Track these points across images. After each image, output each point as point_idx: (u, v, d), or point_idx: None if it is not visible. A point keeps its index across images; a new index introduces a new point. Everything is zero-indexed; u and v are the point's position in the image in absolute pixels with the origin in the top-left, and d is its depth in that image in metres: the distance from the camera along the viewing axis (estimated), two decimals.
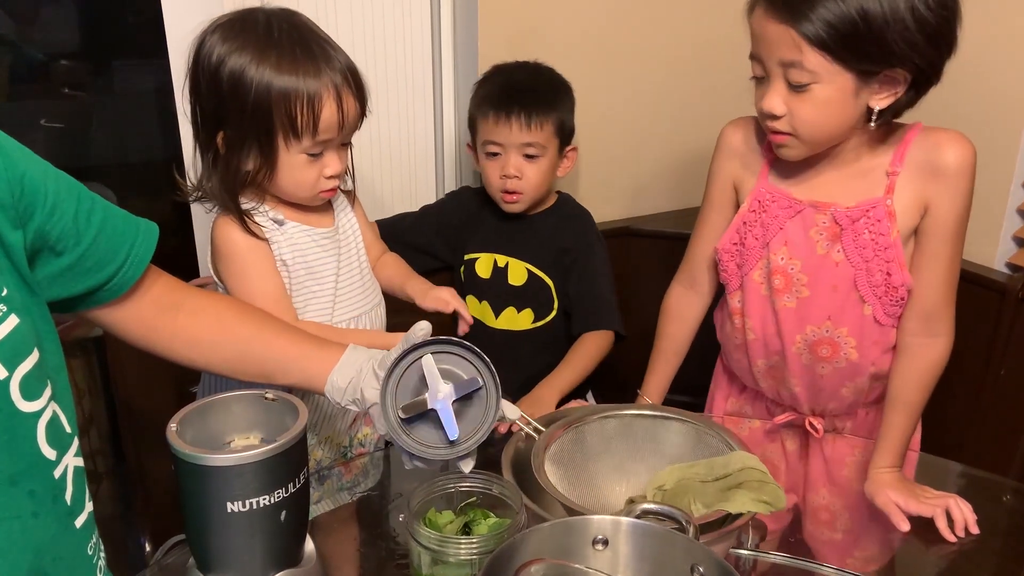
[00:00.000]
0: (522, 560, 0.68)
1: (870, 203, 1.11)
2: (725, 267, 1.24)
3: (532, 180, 1.40)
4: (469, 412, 0.82)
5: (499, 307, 1.48)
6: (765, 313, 1.21)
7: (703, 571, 0.72)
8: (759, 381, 1.29)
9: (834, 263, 1.15)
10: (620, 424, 0.99)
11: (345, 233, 1.22)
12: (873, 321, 1.16)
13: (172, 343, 0.90)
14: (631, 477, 0.98)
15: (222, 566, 0.80)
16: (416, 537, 0.74)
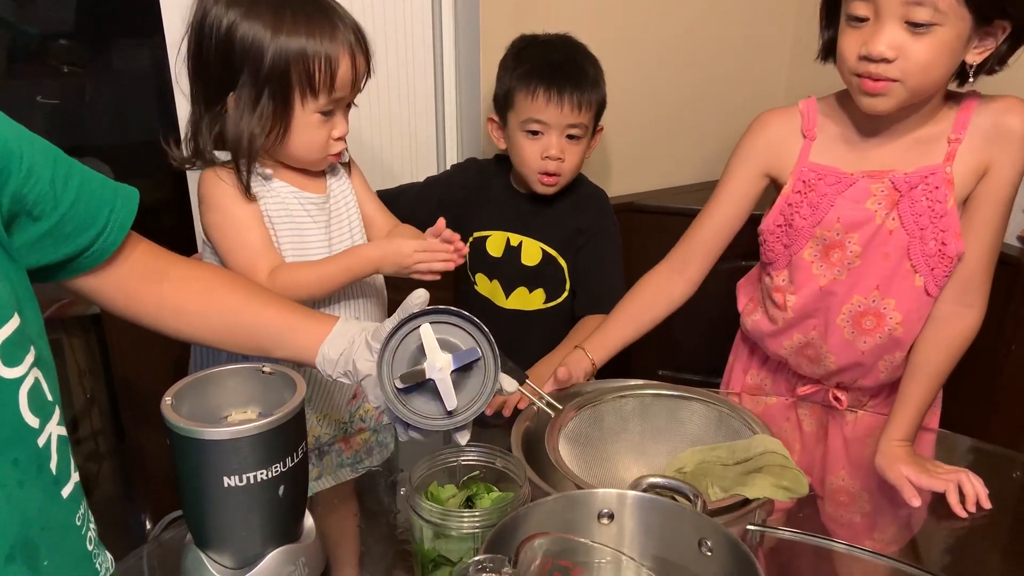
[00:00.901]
0: (525, 534, 0.66)
1: (929, 170, 1.08)
2: (771, 247, 1.20)
3: (573, 162, 1.37)
4: (467, 383, 0.80)
5: (510, 287, 1.45)
6: (813, 288, 1.17)
7: (711, 545, 0.70)
8: (790, 357, 1.26)
9: (888, 231, 1.11)
10: (639, 403, 0.96)
11: (337, 202, 1.19)
12: (923, 293, 1.13)
13: (158, 313, 0.88)
14: (649, 458, 0.96)
15: (219, 542, 0.78)
16: (418, 511, 0.73)
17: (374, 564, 0.91)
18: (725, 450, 0.90)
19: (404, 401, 0.79)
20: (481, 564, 0.62)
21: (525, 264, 1.44)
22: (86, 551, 0.72)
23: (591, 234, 1.43)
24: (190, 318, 0.89)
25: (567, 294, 1.45)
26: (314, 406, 1.22)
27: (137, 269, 0.85)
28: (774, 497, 0.81)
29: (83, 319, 1.45)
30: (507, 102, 1.38)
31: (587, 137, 1.38)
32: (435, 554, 0.73)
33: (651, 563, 0.70)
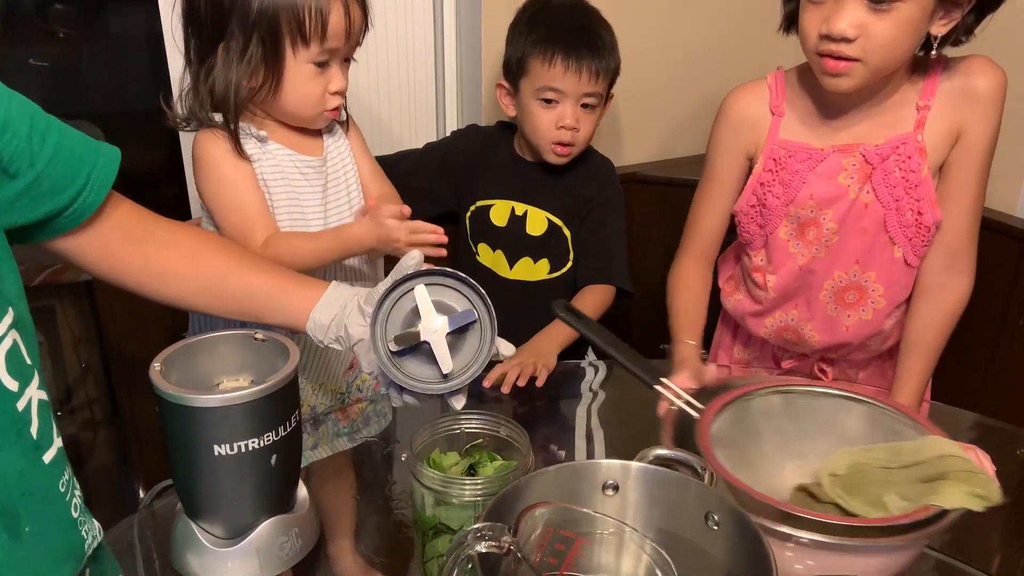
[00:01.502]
0: (527, 503, 0.64)
1: (900, 139, 1.06)
2: (746, 228, 1.17)
3: (587, 131, 1.33)
4: (463, 347, 0.77)
5: (514, 257, 1.42)
6: (792, 267, 1.16)
7: (718, 519, 0.68)
8: (771, 337, 1.24)
9: (863, 204, 1.09)
10: (784, 401, 0.90)
11: (334, 164, 1.16)
12: (903, 264, 1.11)
13: (142, 277, 0.85)
14: (797, 459, 0.89)
15: (210, 511, 0.76)
16: (419, 478, 0.70)
17: (370, 535, 0.89)
18: (885, 452, 0.83)
19: (398, 365, 0.76)
20: (481, 532, 0.60)
21: (530, 234, 1.41)
22: (71, 518, 0.70)
23: (597, 204, 1.40)
24: (176, 282, 0.86)
25: (571, 264, 1.42)
26: (309, 376, 1.19)
27: (120, 230, 0.82)
28: (970, 507, 0.74)
29: (75, 285, 1.42)
30: (520, 68, 1.33)
31: (601, 106, 1.34)
32: (435, 522, 0.71)
33: (655, 536, 0.68)
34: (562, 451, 1.06)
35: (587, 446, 1.08)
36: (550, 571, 0.66)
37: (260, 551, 0.76)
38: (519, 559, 0.59)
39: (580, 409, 1.18)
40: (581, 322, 0.91)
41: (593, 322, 0.92)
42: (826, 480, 0.83)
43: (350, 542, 0.88)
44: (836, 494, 0.81)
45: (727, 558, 0.66)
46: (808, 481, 0.86)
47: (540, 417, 1.16)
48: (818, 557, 0.69)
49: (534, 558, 0.65)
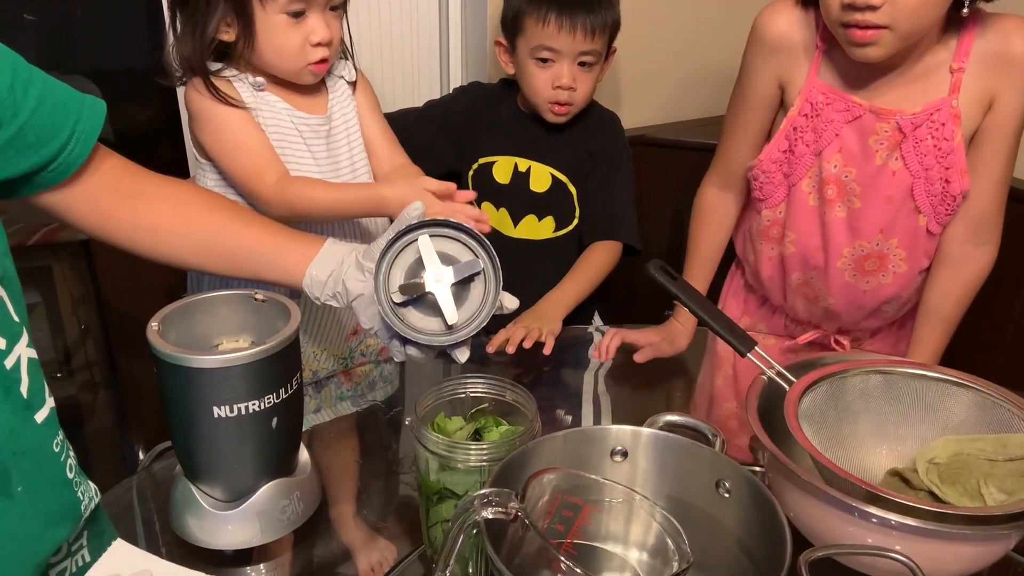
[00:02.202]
0: (534, 469, 0.62)
1: (935, 106, 1.02)
2: (771, 178, 1.13)
3: (585, 90, 1.30)
4: (467, 298, 0.75)
5: (519, 215, 1.39)
6: (811, 225, 1.13)
7: (729, 487, 0.66)
8: (788, 297, 1.21)
9: (891, 172, 1.05)
10: (885, 381, 0.86)
11: (338, 127, 1.12)
12: (926, 232, 1.08)
13: (133, 233, 0.83)
14: (894, 443, 0.86)
15: (210, 474, 0.75)
16: (423, 442, 0.69)
17: (373, 499, 0.88)
18: (991, 443, 0.79)
19: (401, 317, 0.74)
20: (487, 498, 0.59)
21: (534, 191, 1.37)
22: (66, 479, 0.69)
23: (602, 158, 1.36)
24: (167, 238, 0.83)
25: (577, 222, 1.39)
26: (311, 339, 1.17)
27: (108, 185, 0.80)
28: None
29: (72, 245, 1.40)
30: (516, 26, 1.29)
31: (600, 63, 1.30)
32: (440, 487, 0.70)
33: (665, 503, 0.66)
34: (569, 416, 1.05)
35: (594, 412, 1.07)
36: (557, 538, 0.65)
37: (261, 514, 0.75)
38: (526, 525, 0.58)
39: (587, 375, 1.16)
40: (676, 284, 0.89)
41: (688, 285, 0.90)
42: (923, 467, 0.80)
43: (352, 506, 0.87)
44: (931, 481, 0.78)
45: (739, 526, 0.65)
46: (902, 466, 0.84)
47: (546, 382, 1.15)
48: (904, 542, 0.66)
49: (541, 525, 0.64)
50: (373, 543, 0.81)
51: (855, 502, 0.69)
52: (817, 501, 0.72)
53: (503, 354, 1.15)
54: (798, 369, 0.86)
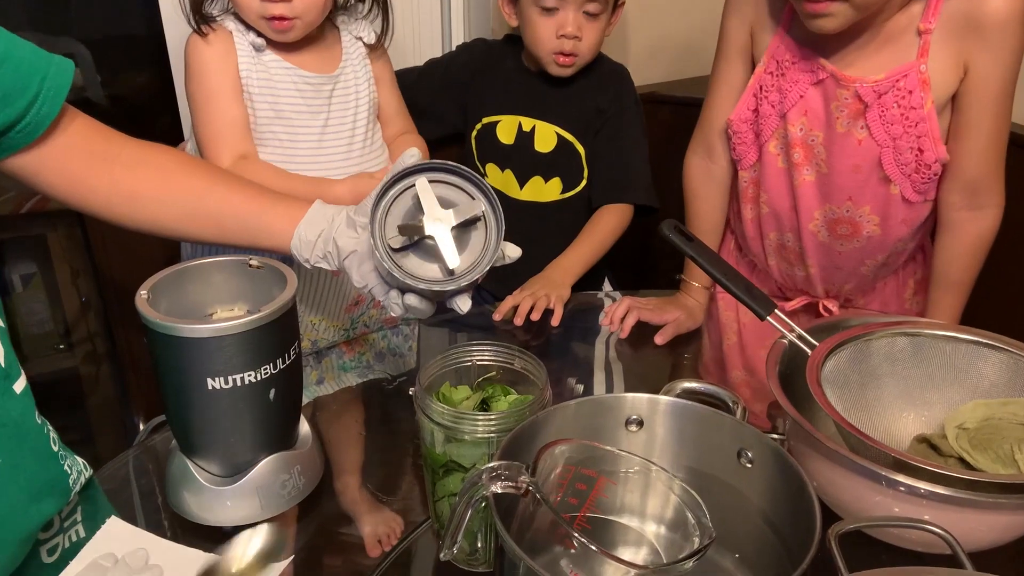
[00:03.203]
0: (545, 440, 0.59)
1: (900, 71, 0.96)
2: (742, 139, 1.10)
3: (591, 41, 1.24)
4: (467, 245, 0.72)
5: (524, 176, 1.34)
6: (781, 187, 1.10)
7: (751, 456, 0.63)
8: (769, 259, 1.18)
9: (856, 141, 1.01)
10: (912, 344, 0.83)
11: (346, 88, 1.08)
12: (900, 199, 1.04)
13: (110, 199, 0.79)
14: (921, 408, 0.83)
15: (205, 448, 0.72)
16: (428, 413, 0.65)
17: (377, 472, 0.85)
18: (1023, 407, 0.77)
19: (399, 264, 0.71)
20: (496, 471, 0.55)
21: (539, 151, 1.32)
22: (50, 451, 0.66)
23: (612, 115, 1.31)
24: (146, 204, 0.80)
25: (585, 183, 1.34)
26: (310, 307, 1.14)
27: (79, 147, 0.76)
28: None
29: (67, 214, 1.36)
30: None
31: (607, 13, 1.25)
32: (446, 459, 0.66)
33: (684, 474, 0.63)
34: (580, 385, 1.02)
35: (606, 380, 1.04)
36: (570, 512, 0.62)
37: (260, 489, 0.72)
38: (537, 500, 0.55)
39: (598, 342, 1.13)
40: (691, 246, 0.86)
41: (704, 246, 0.87)
42: (952, 432, 0.77)
43: (358, 478, 0.84)
44: (962, 448, 0.75)
45: (763, 499, 0.62)
46: (930, 432, 0.81)
47: (555, 350, 1.12)
48: (934, 511, 0.64)
49: (553, 498, 0.61)
50: (379, 515, 0.79)
51: (882, 470, 0.66)
52: (842, 470, 0.69)
53: (511, 321, 1.12)
54: (819, 332, 0.83)
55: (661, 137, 1.57)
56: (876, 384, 0.83)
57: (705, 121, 1.16)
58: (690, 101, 1.62)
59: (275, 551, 0.73)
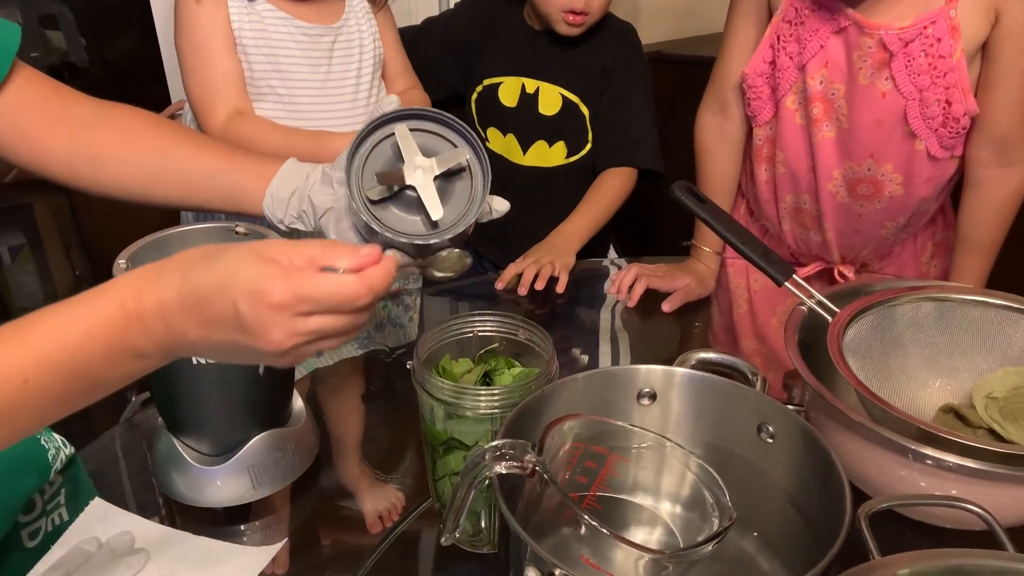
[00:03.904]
0: (552, 416, 0.55)
1: (928, 17, 0.91)
2: (758, 93, 1.05)
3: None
4: (452, 197, 0.67)
5: (528, 141, 1.29)
6: (799, 145, 1.05)
7: (772, 431, 0.59)
8: (783, 223, 1.14)
9: (880, 93, 0.96)
10: (938, 309, 0.79)
11: (349, 41, 1.04)
12: (926, 156, 0.99)
13: (71, 162, 0.74)
14: (947, 377, 0.80)
15: (192, 427, 0.68)
16: (427, 388, 0.61)
17: (376, 449, 0.82)
18: None
19: (379, 218, 0.66)
20: (500, 451, 0.51)
21: (543, 114, 1.27)
22: None
23: (617, 75, 1.26)
24: (109, 165, 0.75)
25: (590, 146, 1.29)
26: None
27: (35, 107, 0.72)
28: None
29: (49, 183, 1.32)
30: None
31: None
32: (447, 437, 0.63)
33: (700, 450, 0.59)
34: (585, 355, 0.99)
35: (612, 350, 1.00)
36: (580, 491, 0.58)
37: (252, 468, 0.69)
38: (545, 480, 0.51)
39: (603, 311, 1.09)
40: (704, 208, 0.81)
41: (718, 208, 0.83)
42: (980, 402, 0.74)
43: (357, 452, 0.81)
44: (991, 418, 0.72)
45: (786, 476, 0.58)
46: (957, 402, 0.77)
47: (559, 319, 1.08)
48: (963, 485, 0.60)
49: (561, 477, 0.57)
50: (380, 490, 0.76)
51: (909, 443, 0.62)
52: (865, 443, 0.66)
53: (514, 290, 1.08)
54: (840, 298, 0.79)
55: (668, 98, 1.52)
56: (900, 352, 0.80)
57: (718, 76, 1.11)
58: (699, 60, 1.57)
59: (269, 532, 0.70)
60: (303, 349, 0.48)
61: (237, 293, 0.45)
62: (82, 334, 0.46)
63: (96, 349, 0.47)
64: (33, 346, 0.46)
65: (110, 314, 0.47)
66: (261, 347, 0.46)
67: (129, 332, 0.47)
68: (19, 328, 0.47)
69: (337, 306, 0.46)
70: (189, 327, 0.47)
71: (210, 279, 0.46)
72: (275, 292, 0.45)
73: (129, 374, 0.49)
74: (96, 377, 0.48)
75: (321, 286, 0.46)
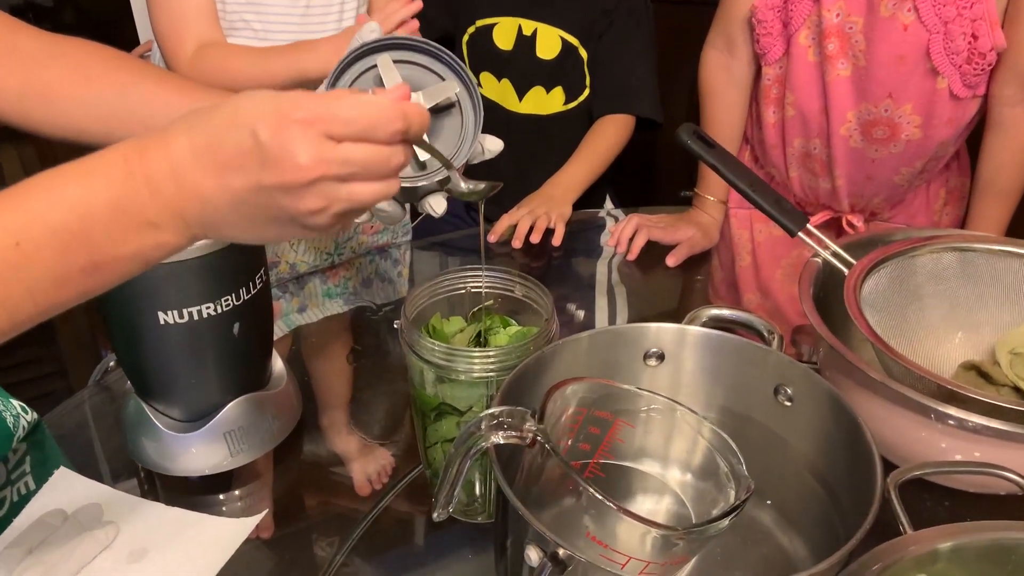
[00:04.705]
0: (552, 380, 0.50)
1: None
2: (768, 28, 0.99)
3: None
4: (439, 134, 0.61)
5: (524, 86, 1.22)
6: (811, 84, 0.99)
7: (791, 393, 0.54)
8: (790, 170, 1.08)
9: (902, 26, 0.90)
10: (960, 260, 0.74)
11: None
12: (947, 95, 0.93)
13: (22, 101, 0.68)
14: (969, 332, 0.76)
15: (163, 391, 0.63)
16: (416, 349, 0.56)
17: (364, 412, 0.77)
18: None
19: None
20: (497, 419, 0.47)
21: (541, 58, 1.20)
22: None
23: (617, 15, 1.18)
24: (63, 104, 0.68)
25: (588, 92, 1.23)
26: None
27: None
28: None
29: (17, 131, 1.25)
30: None
31: None
32: (438, 402, 0.58)
33: (715, 416, 0.55)
34: (581, 310, 0.95)
35: (608, 305, 0.96)
36: (582, 458, 0.54)
37: (229, 435, 0.64)
38: (547, 452, 0.46)
39: (600, 264, 1.04)
40: (713, 153, 0.76)
41: (728, 154, 0.77)
42: (1004, 358, 0.70)
43: (345, 413, 0.77)
44: (1017, 375, 0.69)
45: (807, 443, 0.54)
46: (979, 358, 0.74)
47: (555, 273, 1.03)
48: (987, 448, 0.56)
49: (563, 445, 0.52)
50: (369, 453, 0.72)
51: (932, 402, 0.58)
52: (883, 402, 0.62)
53: (507, 243, 1.02)
54: (855, 249, 0.74)
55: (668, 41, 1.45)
56: (918, 306, 0.76)
57: (725, 10, 1.04)
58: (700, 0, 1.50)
59: (251, 501, 0.66)
60: (334, 192, 0.42)
61: (256, 120, 0.40)
62: (81, 191, 0.40)
63: (97, 209, 0.40)
64: (25, 207, 0.40)
65: (113, 172, 0.41)
66: (288, 178, 0.40)
67: (135, 192, 0.41)
68: (9, 192, 0.41)
69: (369, 129, 0.41)
70: (203, 176, 0.41)
71: (220, 119, 0.41)
72: (301, 108, 0.40)
73: (138, 253, 0.43)
74: (99, 248, 0.41)
75: (351, 104, 0.41)
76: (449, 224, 1.26)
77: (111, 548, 0.58)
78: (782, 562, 0.52)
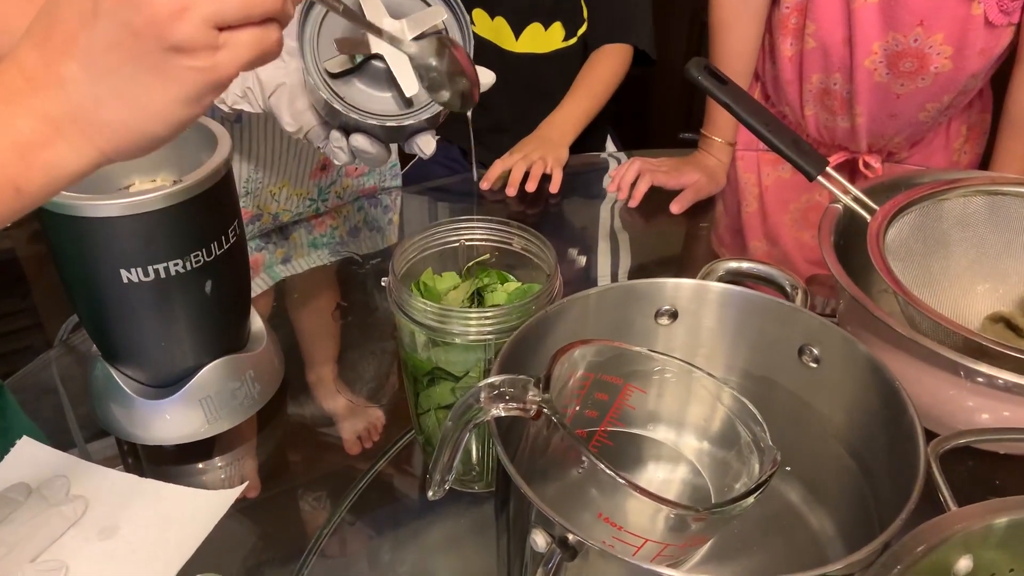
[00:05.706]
0: (556, 342, 0.46)
1: None
2: None
3: None
4: None
5: (520, 24, 1.14)
6: (835, 13, 0.93)
7: (817, 353, 0.50)
8: (806, 108, 1.02)
9: None
10: (989, 204, 0.70)
11: None
12: (982, 22, 0.87)
13: None
14: (996, 281, 0.71)
15: (130, 355, 0.58)
16: (406, 309, 0.51)
17: (352, 373, 0.73)
18: None
19: (341, 95, 0.55)
20: (497, 389, 0.42)
21: None
22: None
23: None
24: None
25: (586, 26, 1.15)
26: (267, 174, 0.97)
27: None
28: None
29: None
30: None
31: None
32: (431, 367, 0.53)
33: (736, 379, 0.50)
34: (582, 256, 0.91)
35: (611, 252, 0.91)
36: (589, 426, 0.49)
37: (205, 401, 0.59)
38: (553, 424, 0.42)
39: (602, 209, 0.99)
40: (725, 90, 0.71)
41: (741, 91, 0.72)
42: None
43: (333, 368, 0.73)
44: None
45: (834, 407, 0.49)
46: (1007, 310, 0.70)
47: (553, 219, 0.98)
48: (1016, 407, 0.53)
49: (568, 411, 0.48)
50: (359, 410, 0.68)
51: (965, 359, 0.54)
52: (909, 358, 0.58)
53: (501, 191, 0.97)
54: (877, 193, 0.69)
55: None
56: (943, 254, 0.71)
57: None
58: None
59: (233, 469, 0.62)
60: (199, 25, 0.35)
61: None
62: None
63: None
64: None
65: None
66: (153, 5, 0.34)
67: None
68: None
69: None
70: (53, 58, 0.36)
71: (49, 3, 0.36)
72: None
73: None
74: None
75: None
76: (443, 168, 1.20)
77: (79, 524, 0.54)
78: (806, 540, 0.48)
